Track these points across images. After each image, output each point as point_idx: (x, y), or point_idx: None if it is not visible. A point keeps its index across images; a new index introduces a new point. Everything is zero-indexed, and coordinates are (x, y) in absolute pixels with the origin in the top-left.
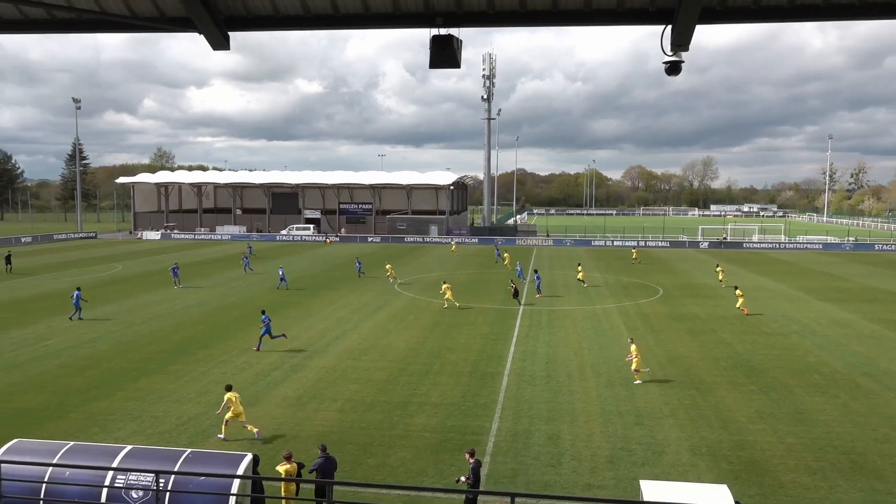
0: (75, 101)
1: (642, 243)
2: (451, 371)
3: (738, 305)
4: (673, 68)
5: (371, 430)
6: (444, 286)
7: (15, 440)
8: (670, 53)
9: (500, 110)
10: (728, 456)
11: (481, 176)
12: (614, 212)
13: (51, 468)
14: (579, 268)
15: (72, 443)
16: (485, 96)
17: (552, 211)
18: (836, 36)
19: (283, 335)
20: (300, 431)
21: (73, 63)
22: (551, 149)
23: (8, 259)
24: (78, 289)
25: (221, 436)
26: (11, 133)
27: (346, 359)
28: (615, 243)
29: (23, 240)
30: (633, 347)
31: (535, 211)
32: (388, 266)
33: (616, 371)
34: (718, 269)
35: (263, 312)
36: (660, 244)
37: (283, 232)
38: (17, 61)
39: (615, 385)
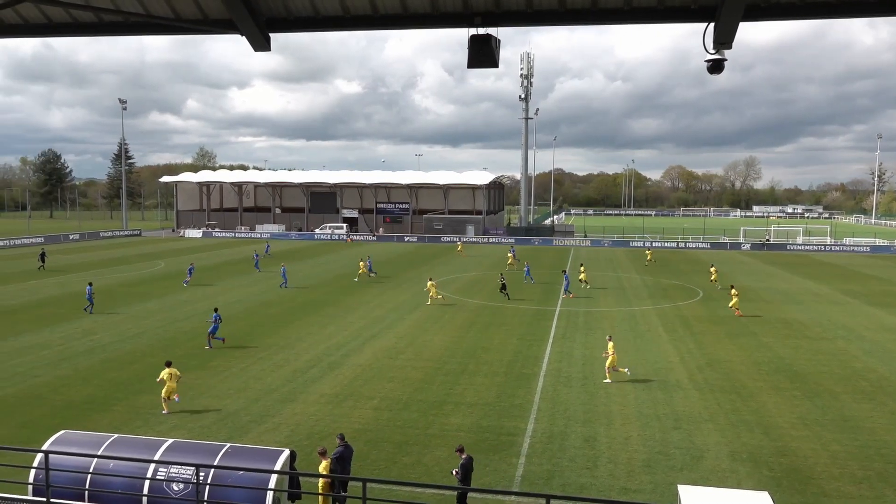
0: (121, 101)
1: (684, 244)
2: (487, 371)
3: (730, 305)
4: (715, 66)
5: (407, 429)
6: (430, 283)
7: (62, 431)
8: (713, 51)
9: (537, 110)
10: (769, 462)
11: (518, 176)
12: (653, 212)
13: (96, 459)
14: (582, 268)
15: (116, 435)
16: (522, 96)
17: (590, 211)
18: (888, 32)
19: (222, 339)
20: (337, 429)
21: (119, 64)
22: (589, 148)
23: (42, 257)
24: (90, 283)
25: (164, 411)
26: (61, 133)
27: (382, 357)
28: (654, 244)
29: (70, 237)
30: (609, 345)
31: (572, 211)
32: (360, 262)
33: (654, 374)
34: (712, 269)
35: (216, 310)
36: (700, 245)
37: (318, 231)
38: (67, 64)
39: (653, 388)
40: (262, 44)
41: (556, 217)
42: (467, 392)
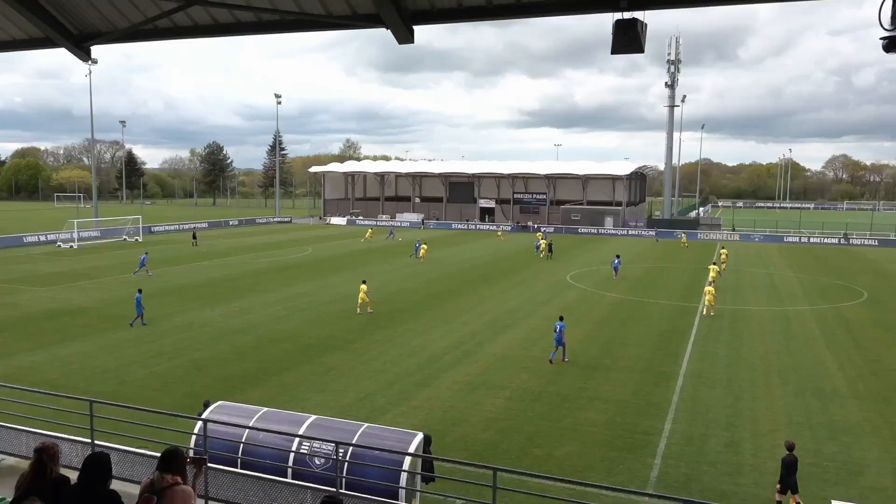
0: (276, 96)
1: (846, 241)
2: (623, 367)
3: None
4: (892, 44)
5: (538, 421)
6: (362, 286)
7: (219, 402)
8: (890, 27)
9: (684, 97)
10: None
11: (662, 166)
12: (812, 205)
13: (247, 430)
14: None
15: (265, 409)
16: (669, 82)
17: (739, 204)
18: None
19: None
20: (469, 416)
21: None
22: (741, 138)
23: (194, 235)
24: (139, 290)
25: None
26: (224, 126)
27: (515, 347)
28: (811, 240)
29: (230, 223)
30: (363, 287)
31: (720, 203)
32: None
33: (808, 380)
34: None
35: (139, 291)
36: (866, 242)
37: (384, 218)
38: None
39: (806, 395)
40: (406, 37)
41: (701, 209)
42: (602, 387)
